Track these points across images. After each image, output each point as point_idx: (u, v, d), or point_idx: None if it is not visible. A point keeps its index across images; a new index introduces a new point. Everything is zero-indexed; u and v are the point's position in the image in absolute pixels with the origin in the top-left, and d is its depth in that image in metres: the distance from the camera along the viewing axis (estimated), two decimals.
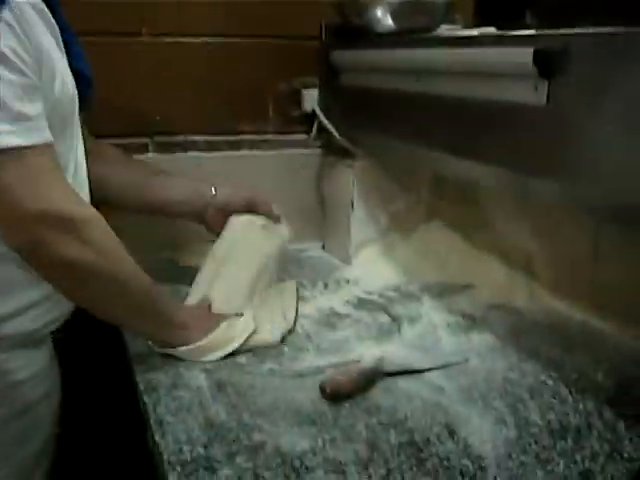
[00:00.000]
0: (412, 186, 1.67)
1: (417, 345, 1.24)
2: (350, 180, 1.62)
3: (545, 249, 1.41)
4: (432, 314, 1.37)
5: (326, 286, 1.52)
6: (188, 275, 1.35)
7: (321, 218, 1.76)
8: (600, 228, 1.29)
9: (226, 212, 1.36)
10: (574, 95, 0.93)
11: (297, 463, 0.88)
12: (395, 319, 1.34)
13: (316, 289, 1.50)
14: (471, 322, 1.33)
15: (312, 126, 1.72)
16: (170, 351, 1.14)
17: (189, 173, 1.48)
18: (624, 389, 1.09)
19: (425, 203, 1.68)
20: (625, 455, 0.92)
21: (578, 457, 0.92)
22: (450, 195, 1.63)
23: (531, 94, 0.98)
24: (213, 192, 1.38)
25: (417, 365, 1.15)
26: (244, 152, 1.70)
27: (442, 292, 1.46)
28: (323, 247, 1.78)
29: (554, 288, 1.40)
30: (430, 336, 1.28)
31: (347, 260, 1.65)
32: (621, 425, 0.99)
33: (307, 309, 1.39)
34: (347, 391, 1.05)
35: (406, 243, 1.65)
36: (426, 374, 1.13)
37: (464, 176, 1.29)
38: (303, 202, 1.72)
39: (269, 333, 1.23)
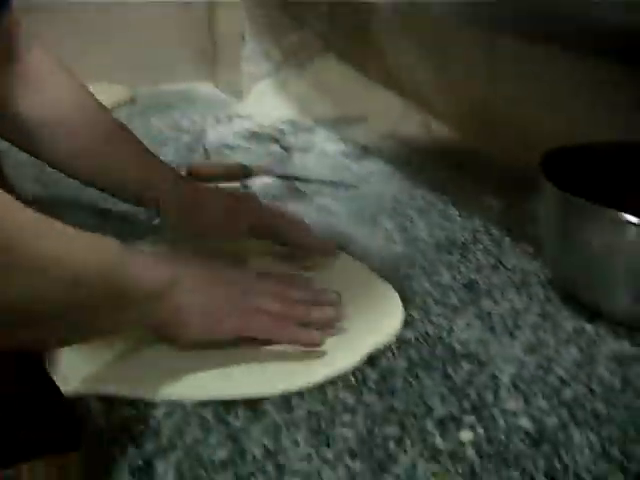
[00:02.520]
0: (305, 19, 1.61)
1: (307, 168, 1.22)
2: (241, 14, 1.56)
3: (438, 80, 1.39)
4: (325, 144, 1.35)
5: (217, 120, 1.47)
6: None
7: (212, 55, 1.69)
8: (495, 59, 1.28)
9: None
10: None
11: None
12: (287, 149, 1.31)
13: (207, 123, 1.45)
14: (364, 151, 1.31)
15: None
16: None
17: None
18: (511, 208, 1.09)
19: (319, 36, 1.63)
20: (509, 266, 0.93)
21: (463, 269, 0.92)
22: (343, 28, 1.59)
23: None
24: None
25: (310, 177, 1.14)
26: None
27: (336, 124, 1.44)
28: (215, 85, 1.72)
29: (446, 118, 1.39)
30: (322, 163, 1.26)
31: (239, 96, 1.61)
32: (507, 240, 1.00)
33: None
34: (205, 174, 1.10)
35: (299, 77, 1.61)
36: (315, 198, 1.12)
37: None
38: (193, 41, 1.65)
39: None
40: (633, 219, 0.74)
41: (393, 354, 0.75)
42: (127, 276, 0.64)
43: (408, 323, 0.80)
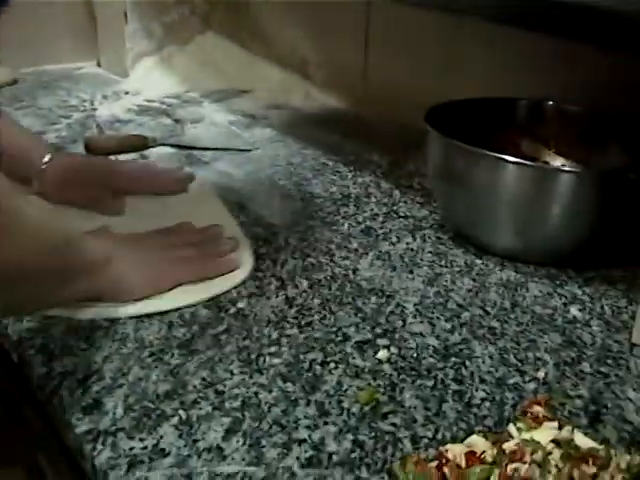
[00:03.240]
0: None
1: (200, 138, 1.27)
2: None
3: (318, 52, 1.47)
4: (214, 115, 1.40)
5: (105, 97, 1.49)
6: None
7: (94, 34, 1.71)
8: (370, 27, 1.36)
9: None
10: None
11: None
12: (178, 121, 1.35)
13: (95, 100, 1.47)
14: (252, 120, 1.37)
15: None
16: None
17: None
18: (397, 165, 1.18)
19: (199, 14, 1.67)
20: (401, 214, 1.01)
21: (360, 218, 0.99)
22: (224, 5, 1.64)
23: None
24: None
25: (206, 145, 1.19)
26: None
27: (222, 97, 1.49)
28: (98, 64, 1.74)
29: (327, 87, 1.46)
30: (213, 132, 1.31)
31: (124, 74, 1.63)
32: (397, 192, 1.08)
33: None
34: (103, 147, 1.15)
35: (183, 54, 1.65)
36: (213, 163, 1.17)
37: None
38: (74, 21, 1.66)
39: None
40: (510, 158, 0.83)
41: (306, 292, 0.81)
42: (74, 250, 0.70)
43: (315, 267, 0.86)
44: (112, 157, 1.14)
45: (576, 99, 1.00)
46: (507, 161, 0.83)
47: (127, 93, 1.52)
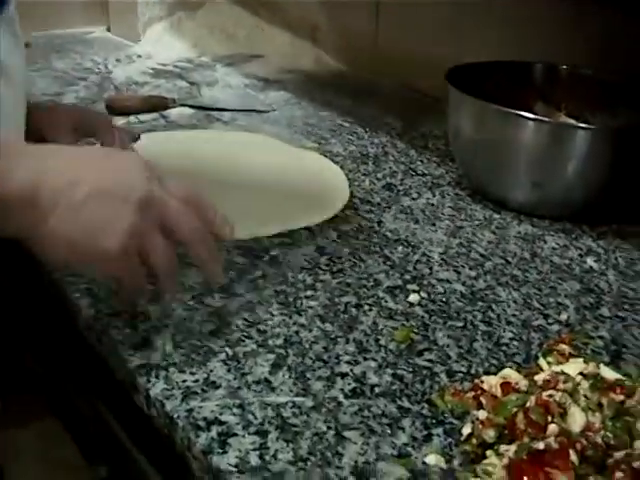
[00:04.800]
0: None
1: (217, 100, 1.30)
2: None
3: (328, 17, 1.49)
4: (228, 78, 1.43)
5: (118, 61, 1.52)
6: None
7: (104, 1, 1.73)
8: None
9: None
10: None
11: None
12: (193, 83, 1.38)
13: (109, 64, 1.49)
14: (266, 83, 1.40)
15: None
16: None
17: None
18: (411, 127, 1.21)
19: None
20: (419, 172, 1.05)
21: (380, 175, 1.03)
22: None
23: None
24: None
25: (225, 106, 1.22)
26: None
27: (233, 61, 1.51)
28: (108, 30, 1.76)
29: (338, 52, 1.49)
30: (229, 95, 1.34)
31: (135, 39, 1.65)
32: (413, 152, 1.11)
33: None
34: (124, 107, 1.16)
35: (193, 19, 1.67)
36: (232, 123, 1.20)
37: None
38: None
39: None
40: (528, 115, 0.87)
41: (335, 242, 0.85)
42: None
43: (342, 219, 0.90)
44: (133, 117, 1.16)
45: (588, 63, 1.03)
46: (526, 118, 0.87)
47: (140, 57, 1.55)
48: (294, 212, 0.88)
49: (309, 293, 0.74)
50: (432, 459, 0.55)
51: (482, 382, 0.61)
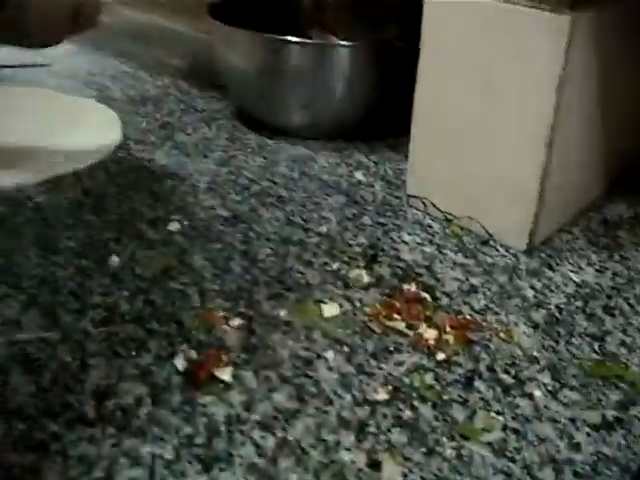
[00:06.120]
0: None
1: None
2: None
3: None
4: None
5: None
6: None
7: None
8: None
9: None
10: None
11: None
12: None
13: None
14: None
15: None
16: None
17: None
18: (195, 69, 1.21)
19: None
20: (198, 108, 1.05)
21: (158, 116, 1.02)
22: None
23: None
24: None
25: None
26: None
27: None
28: None
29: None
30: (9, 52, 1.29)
31: None
32: (195, 90, 1.11)
33: None
34: None
35: None
36: (16, 79, 1.16)
37: None
38: None
39: None
40: (291, 38, 0.88)
41: (103, 183, 0.84)
42: None
43: (113, 161, 0.89)
44: None
45: None
46: (286, 41, 0.88)
47: None
48: (60, 159, 0.86)
49: (69, 234, 0.74)
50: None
51: None
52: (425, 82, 0.75)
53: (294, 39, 0.88)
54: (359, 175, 0.87)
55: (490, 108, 0.71)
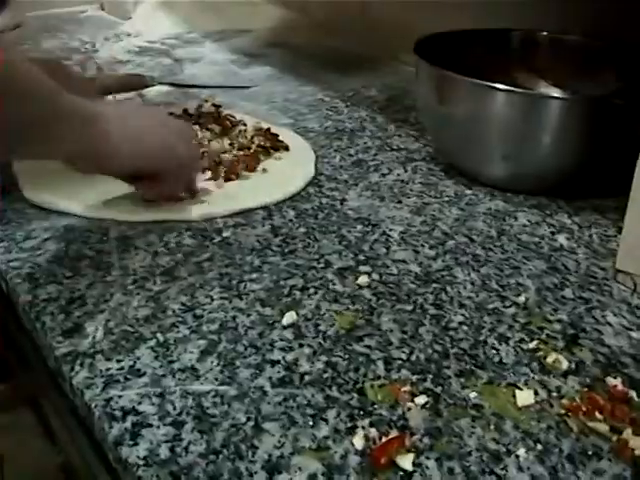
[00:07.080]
0: None
1: (198, 77, 1.27)
2: None
3: None
4: (214, 54, 1.40)
5: (107, 39, 1.49)
6: None
7: None
8: None
9: None
10: None
11: None
12: (177, 60, 1.35)
13: (97, 42, 1.47)
14: (252, 58, 1.36)
15: None
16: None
17: None
18: (394, 100, 1.17)
19: None
20: (394, 146, 1.01)
21: (352, 151, 0.99)
22: None
23: None
24: None
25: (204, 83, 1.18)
26: None
27: (223, 37, 1.48)
28: (102, 8, 1.73)
29: (327, 25, 1.45)
30: (212, 71, 1.31)
31: (126, 16, 1.62)
32: (392, 126, 1.07)
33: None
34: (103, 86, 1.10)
35: None
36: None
37: None
38: None
39: None
40: (498, 86, 0.83)
41: (292, 222, 0.81)
42: (66, 102, 0.67)
43: (304, 198, 0.86)
44: (110, 97, 1.13)
45: (571, 29, 0.98)
46: (495, 88, 0.82)
47: (129, 35, 1.52)
48: (250, 191, 0.85)
49: (254, 276, 0.71)
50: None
51: None
52: None
53: (503, 87, 0.82)
54: (561, 239, 0.80)
55: None
